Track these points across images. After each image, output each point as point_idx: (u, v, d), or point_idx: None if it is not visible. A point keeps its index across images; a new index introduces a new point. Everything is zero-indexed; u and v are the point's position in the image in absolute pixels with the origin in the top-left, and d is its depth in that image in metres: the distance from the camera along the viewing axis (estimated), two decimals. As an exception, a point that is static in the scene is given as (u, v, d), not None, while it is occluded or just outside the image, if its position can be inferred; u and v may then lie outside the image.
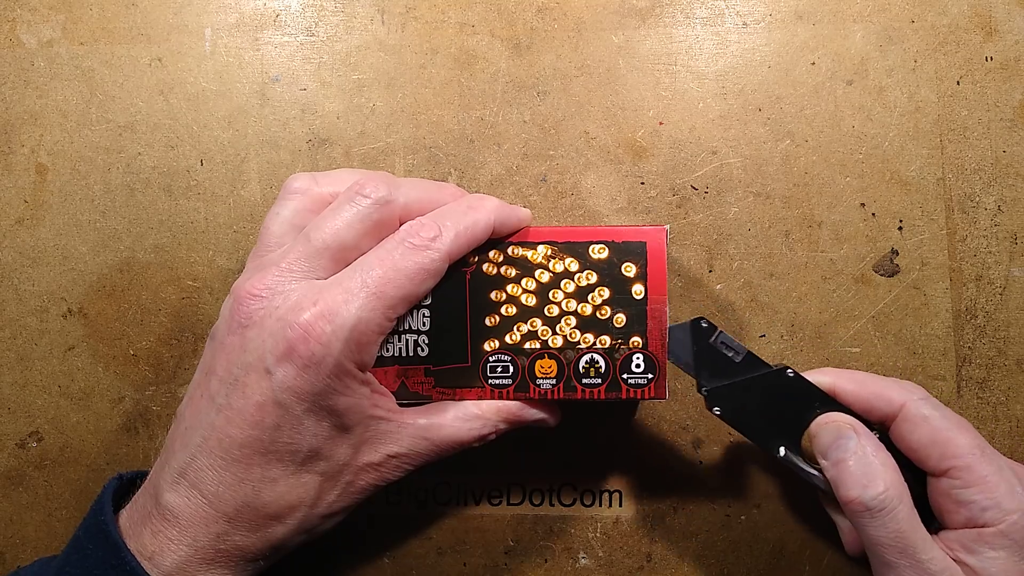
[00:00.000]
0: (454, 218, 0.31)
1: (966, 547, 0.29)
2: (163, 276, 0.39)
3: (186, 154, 0.39)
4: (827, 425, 0.32)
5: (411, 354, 0.32)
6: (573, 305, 0.32)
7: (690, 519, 0.38)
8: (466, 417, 0.32)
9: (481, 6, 0.39)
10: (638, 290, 0.32)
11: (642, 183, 0.39)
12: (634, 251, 0.32)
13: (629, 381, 0.33)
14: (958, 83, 0.38)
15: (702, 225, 0.38)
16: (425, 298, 0.32)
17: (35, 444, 0.39)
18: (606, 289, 0.32)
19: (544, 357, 0.33)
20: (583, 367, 0.33)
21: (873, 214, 0.38)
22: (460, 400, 0.33)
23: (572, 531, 0.38)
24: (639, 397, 0.33)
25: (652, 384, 0.32)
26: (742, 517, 0.38)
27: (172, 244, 0.39)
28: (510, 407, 0.33)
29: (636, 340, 0.32)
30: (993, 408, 0.38)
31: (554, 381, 0.33)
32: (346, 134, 0.39)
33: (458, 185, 0.39)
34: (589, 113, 0.39)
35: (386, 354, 0.32)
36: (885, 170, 0.38)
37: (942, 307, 0.38)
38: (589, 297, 0.32)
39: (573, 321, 0.32)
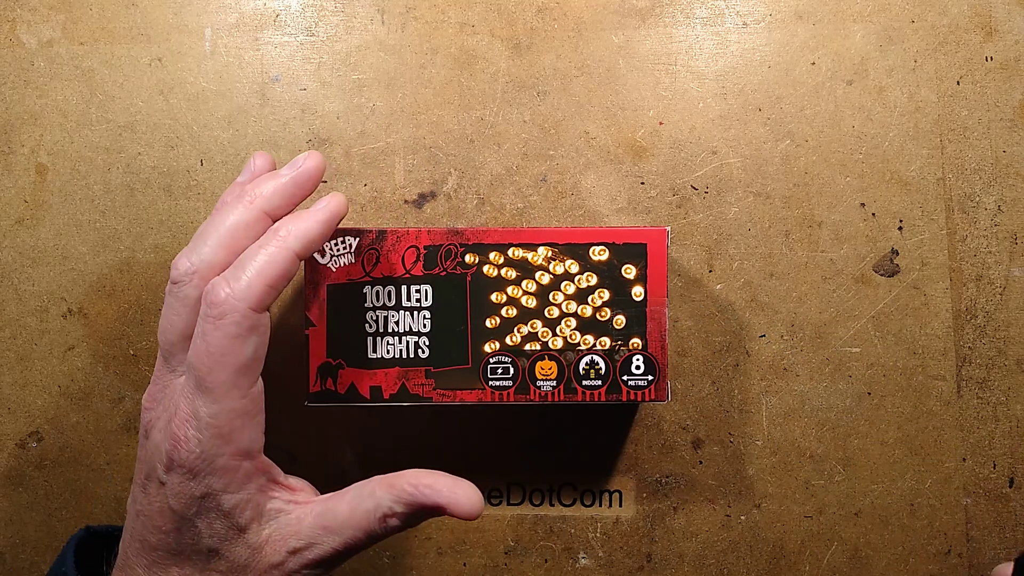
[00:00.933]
0: (248, 266, 0.29)
1: None
2: (163, 276, 0.39)
3: (186, 154, 0.39)
4: None
5: (412, 356, 0.32)
6: (573, 307, 0.33)
7: (690, 519, 0.38)
8: (360, 497, 0.30)
9: (481, 6, 0.39)
10: (638, 292, 0.32)
11: (642, 183, 0.39)
12: (634, 253, 0.32)
13: (629, 383, 0.33)
14: (958, 83, 0.38)
15: (702, 225, 0.38)
16: (425, 299, 0.32)
17: (35, 444, 0.39)
18: (606, 291, 0.32)
19: (544, 359, 0.33)
20: (583, 368, 0.33)
21: (873, 214, 0.38)
22: (460, 402, 0.33)
23: (572, 531, 0.38)
24: (640, 399, 0.33)
25: (652, 386, 0.33)
26: (742, 517, 0.38)
27: (172, 244, 0.39)
28: (403, 485, 0.29)
29: (636, 342, 0.32)
30: (993, 408, 0.38)
31: (554, 383, 0.33)
32: (346, 134, 0.39)
33: (458, 185, 0.39)
34: (589, 113, 0.39)
35: (387, 356, 0.32)
36: (885, 170, 0.38)
37: (942, 307, 0.38)
38: (589, 299, 0.33)
39: (573, 323, 0.33)
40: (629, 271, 0.32)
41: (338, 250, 0.33)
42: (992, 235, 0.38)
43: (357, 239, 0.33)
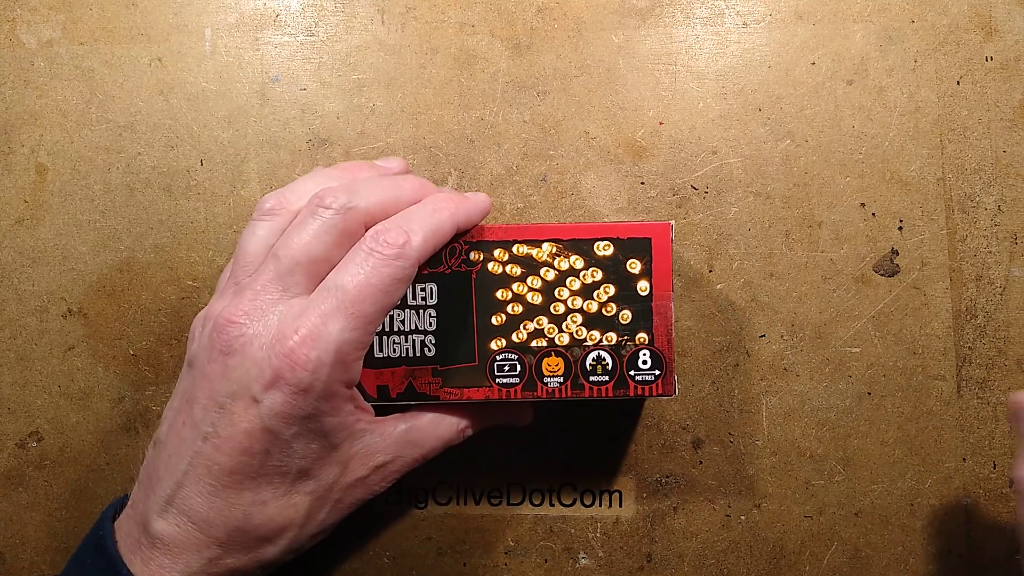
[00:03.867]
0: (420, 221, 0.30)
1: None
2: (163, 276, 0.39)
3: (186, 154, 0.39)
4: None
5: (418, 354, 0.33)
6: (579, 302, 0.33)
7: (690, 519, 0.38)
8: (443, 414, 0.33)
9: (481, 6, 0.39)
10: (643, 286, 0.32)
11: (642, 183, 0.39)
12: (639, 247, 0.32)
13: (636, 378, 0.33)
14: (958, 83, 0.38)
15: (702, 225, 0.38)
16: (431, 298, 0.32)
17: (35, 444, 0.39)
18: (611, 286, 0.32)
19: (551, 355, 0.33)
20: (590, 364, 0.33)
21: (873, 214, 0.38)
22: (467, 400, 0.33)
23: (572, 531, 0.38)
24: (647, 394, 0.33)
25: (659, 381, 0.33)
26: (742, 517, 0.38)
27: (172, 244, 0.39)
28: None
29: (642, 336, 0.32)
30: (993, 408, 0.38)
31: (561, 379, 0.33)
32: (346, 134, 0.39)
33: (458, 185, 0.39)
34: (589, 113, 0.39)
35: (393, 355, 0.32)
36: (885, 170, 0.38)
37: (942, 307, 0.38)
38: (595, 294, 0.32)
39: (579, 318, 0.33)
40: (634, 266, 0.32)
41: None
42: (992, 235, 0.38)
43: None
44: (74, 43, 0.40)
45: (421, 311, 0.32)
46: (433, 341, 0.32)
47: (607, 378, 0.33)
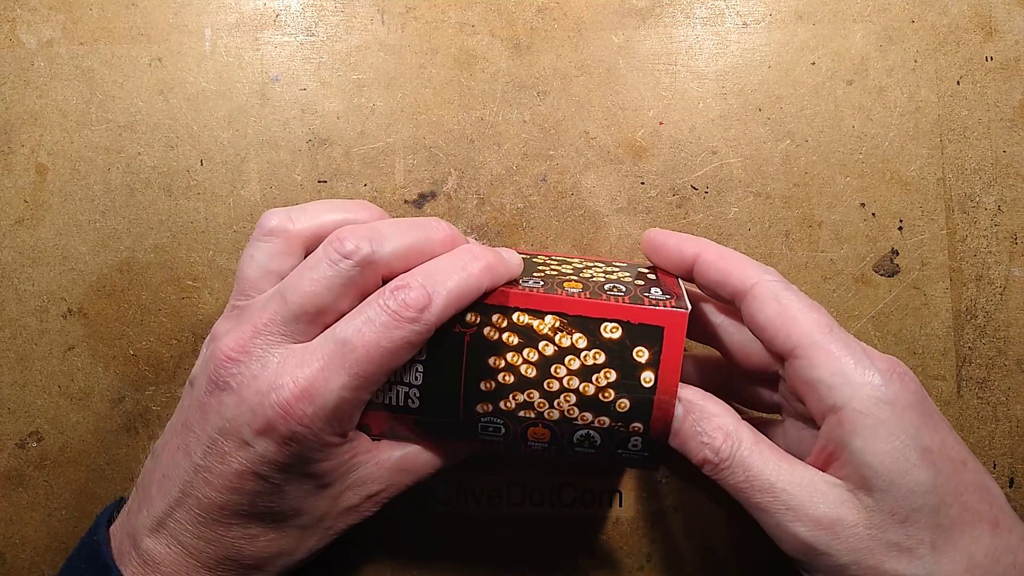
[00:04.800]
0: (446, 280, 0.28)
1: (836, 445, 0.27)
2: (163, 276, 0.39)
3: (186, 154, 0.39)
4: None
5: (401, 404, 0.31)
6: (576, 383, 0.29)
7: (690, 519, 0.38)
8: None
9: (481, 6, 0.39)
10: (647, 377, 0.29)
11: (642, 183, 0.39)
12: (650, 335, 0.29)
13: (624, 456, 0.31)
14: (958, 83, 0.38)
15: (702, 225, 0.38)
16: (420, 353, 0.30)
17: (35, 444, 0.39)
18: (613, 372, 0.29)
19: (538, 426, 0.30)
20: (577, 439, 0.30)
21: (873, 214, 0.38)
22: (447, 444, 0.32)
23: (572, 531, 0.38)
24: (633, 467, 0.31)
25: (647, 459, 0.31)
26: (742, 517, 0.38)
27: (172, 244, 0.39)
28: None
29: (637, 426, 0.30)
30: (993, 408, 0.38)
31: (546, 446, 0.31)
32: (346, 134, 0.39)
33: (458, 185, 0.39)
34: (589, 113, 0.39)
35: (376, 400, 0.31)
36: (885, 170, 0.38)
37: (942, 307, 0.38)
38: (594, 378, 0.29)
39: (573, 399, 0.30)
40: (641, 354, 0.29)
41: None
42: (992, 235, 0.38)
43: None
44: (74, 43, 0.40)
45: (409, 364, 0.30)
46: (417, 395, 0.30)
47: (593, 451, 0.31)
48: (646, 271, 0.33)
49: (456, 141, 0.39)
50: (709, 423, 0.29)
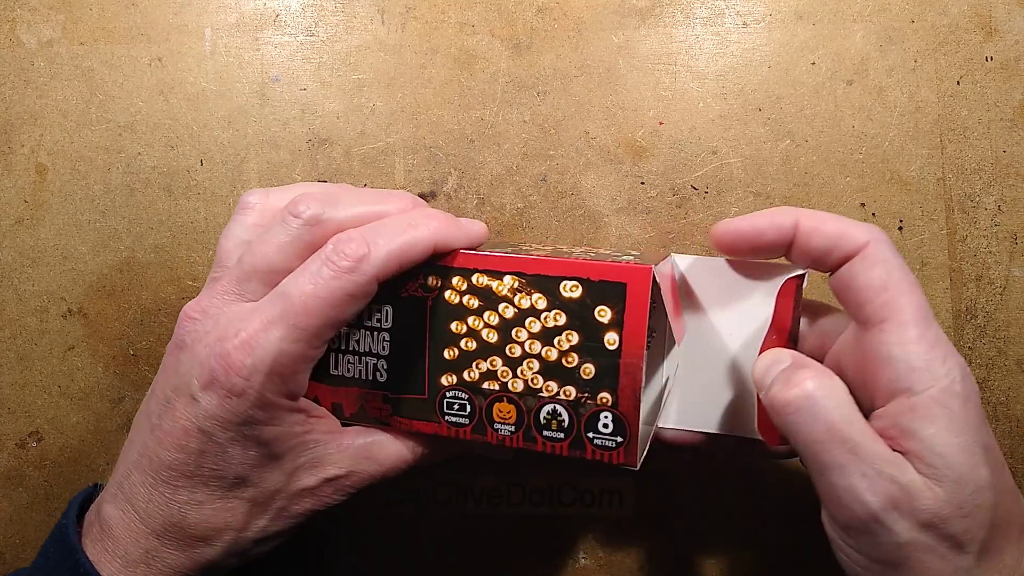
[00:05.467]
0: (388, 235, 0.28)
1: (902, 430, 0.26)
2: (163, 276, 0.39)
3: (186, 154, 0.39)
4: (765, 361, 0.29)
5: (370, 378, 0.30)
6: (537, 347, 0.28)
7: (690, 519, 0.38)
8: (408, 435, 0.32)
9: (481, 6, 0.39)
10: (611, 339, 0.28)
11: (642, 183, 0.39)
12: (612, 293, 0.27)
13: (595, 441, 0.29)
14: (958, 83, 0.38)
15: (702, 225, 0.38)
16: (385, 320, 0.30)
17: (35, 444, 0.39)
18: (575, 333, 0.28)
19: (503, 400, 0.29)
20: (544, 418, 0.29)
21: (873, 214, 0.38)
22: (416, 431, 0.31)
23: (572, 531, 0.38)
24: (606, 461, 0.28)
25: (621, 449, 0.28)
26: (743, 517, 0.38)
27: (172, 244, 0.39)
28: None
29: (605, 397, 0.28)
30: (993, 408, 0.38)
31: (512, 428, 0.29)
32: (346, 134, 0.39)
33: (458, 185, 0.39)
34: (589, 113, 0.39)
35: (347, 374, 0.30)
36: (885, 170, 0.38)
37: (942, 307, 0.38)
38: (555, 341, 0.28)
39: (536, 365, 0.29)
40: (603, 313, 0.28)
41: None
42: (992, 235, 0.38)
43: None
44: (74, 43, 0.40)
45: (375, 333, 0.30)
46: (385, 367, 0.30)
47: (562, 435, 0.29)
48: (633, 251, 0.32)
49: (456, 141, 0.39)
50: (807, 369, 0.27)
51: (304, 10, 0.40)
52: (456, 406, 0.30)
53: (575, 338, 0.28)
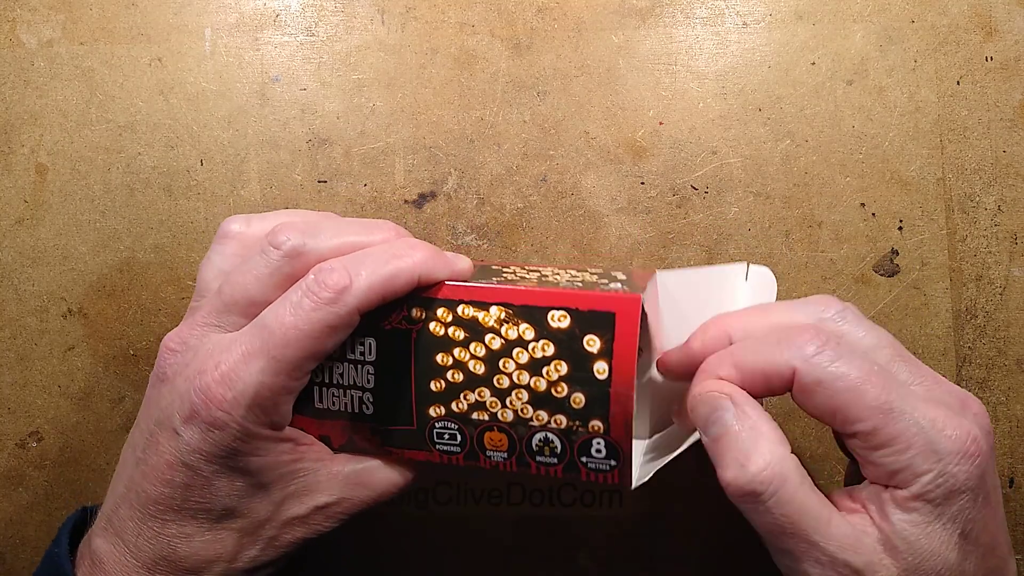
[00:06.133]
0: (371, 266, 0.27)
1: (879, 508, 0.26)
2: (163, 276, 0.39)
3: (186, 154, 0.39)
4: (702, 396, 0.28)
5: (356, 411, 0.30)
6: (526, 378, 0.28)
7: (690, 519, 0.38)
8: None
9: (481, 6, 0.39)
10: (601, 368, 0.27)
11: (642, 183, 0.39)
12: (600, 322, 0.27)
13: (589, 465, 0.28)
14: (958, 83, 0.38)
15: (702, 225, 0.38)
16: (369, 353, 0.29)
17: (35, 444, 0.39)
18: (563, 363, 0.28)
19: (493, 430, 0.29)
20: (536, 445, 0.29)
21: (873, 214, 0.38)
22: (408, 459, 0.30)
23: (572, 531, 0.38)
24: (601, 482, 0.28)
25: (616, 471, 0.28)
26: (743, 517, 0.38)
27: (172, 244, 0.39)
28: None
29: (597, 425, 0.28)
30: (993, 408, 0.38)
31: (505, 455, 0.29)
32: (346, 134, 0.39)
33: (458, 185, 0.39)
34: (589, 113, 0.39)
35: (332, 407, 0.30)
36: (885, 170, 0.38)
37: (942, 307, 0.38)
38: (544, 371, 0.28)
39: (525, 395, 0.28)
40: (592, 343, 0.27)
41: None
42: (992, 235, 0.38)
43: None
44: (74, 43, 0.40)
45: (359, 366, 0.29)
46: (371, 399, 0.29)
47: (555, 460, 0.29)
48: (620, 274, 0.32)
49: (456, 141, 0.39)
50: (756, 443, 0.26)
51: (304, 10, 0.40)
52: (447, 435, 0.29)
53: (564, 368, 0.28)
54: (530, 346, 0.28)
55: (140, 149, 0.40)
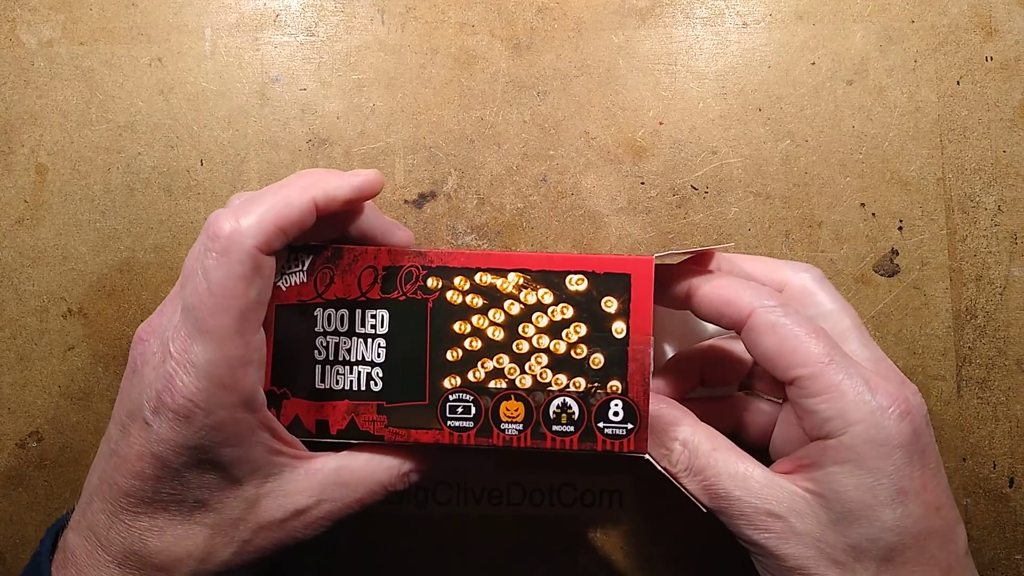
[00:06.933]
0: (261, 203, 0.26)
1: (814, 461, 0.27)
2: (163, 276, 0.39)
3: (186, 154, 0.39)
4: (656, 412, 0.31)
5: (363, 388, 0.29)
6: (545, 342, 0.29)
7: (690, 519, 0.38)
8: (383, 454, 0.30)
9: (481, 6, 0.39)
10: (619, 328, 0.29)
11: (642, 183, 0.39)
12: (617, 284, 0.29)
13: (606, 431, 0.29)
14: (958, 83, 0.38)
15: (702, 225, 0.38)
16: (381, 326, 0.29)
17: (35, 444, 0.39)
18: (583, 325, 0.29)
19: (510, 398, 0.29)
20: (554, 412, 0.29)
21: (873, 214, 0.38)
22: (414, 442, 0.30)
23: (572, 531, 0.38)
24: (617, 450, 0.29)
25: (632, 436, 0.29)
26: (742, 517, 0.38)
27: (172, 244, 0.39)
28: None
29: (615, 385, 0.29)
30: (993, 408, 0.38)
31: (520, 426, 0.29)
32: (346, 134, 0.39)
33: (458, 185, 0.39)
34: (589, 113, 0.39)
35: (336, 386, 0.30)
36: (885, 170, 0.38)
37: (942, 307, 0.38)
38: (563, 333, 0.29)
39: (544, 359, 0.29)
40: (610, 304, 0.29)
41: (289, 267, 0.30)
42: (992, 235, 0.38)
43: (311, 256, 0.30)
44: (74, 43, 0.40)
45: (370, 340, 0.29)
46: (380, 374, 0.29)
47: (572, 428, 0.29)
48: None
49: (456, 141, 0.39)
50: (666, 434, 0.30)
51: (304, 10, 0.40)
52: (460, 409, 0.29)
53: (583, 330, 0.29)
54: (550, 310, 0.29)
55: (140, 149, 0.40)
